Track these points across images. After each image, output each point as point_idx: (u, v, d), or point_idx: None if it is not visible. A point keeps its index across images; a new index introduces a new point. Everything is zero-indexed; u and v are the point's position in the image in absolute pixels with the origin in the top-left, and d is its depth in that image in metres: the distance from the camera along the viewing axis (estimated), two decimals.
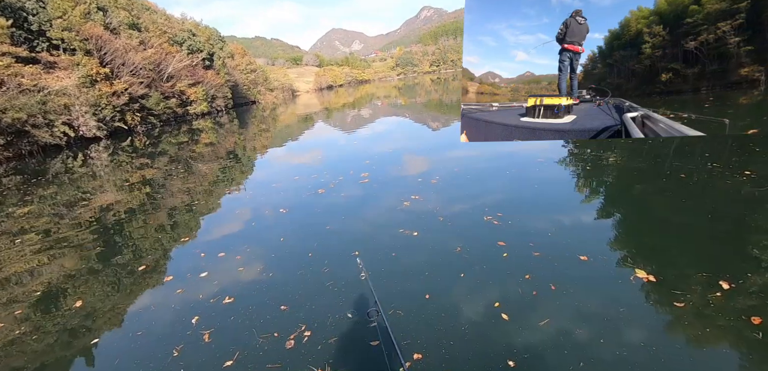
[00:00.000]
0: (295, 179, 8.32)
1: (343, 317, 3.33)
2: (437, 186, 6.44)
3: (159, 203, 7.85)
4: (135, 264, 4.88)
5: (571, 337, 2.82)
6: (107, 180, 11.43)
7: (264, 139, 18.44)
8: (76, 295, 4.28)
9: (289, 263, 4.40)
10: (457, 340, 2.95)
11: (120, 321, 3.74)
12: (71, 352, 3.39)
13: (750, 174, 5.00)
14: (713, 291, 3.06)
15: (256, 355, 3.02)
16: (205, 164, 12.36)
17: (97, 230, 6.40)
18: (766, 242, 3.60)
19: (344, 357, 2.90)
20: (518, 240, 4.23)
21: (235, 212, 6.60)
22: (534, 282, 3.49)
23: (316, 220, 5.62)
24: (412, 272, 3.87)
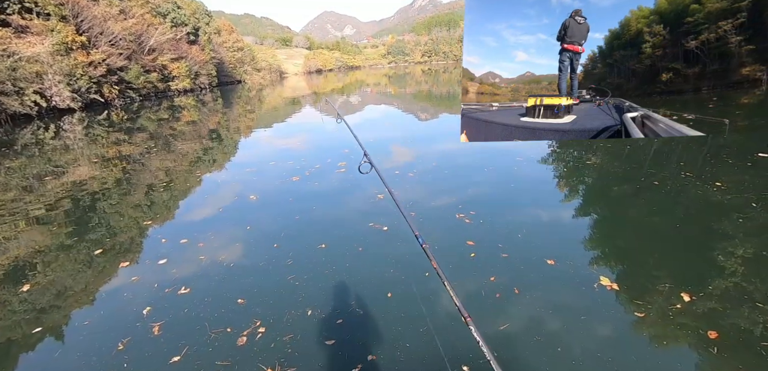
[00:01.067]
0: (271, 164, 8.11)
1: (300, 313, 3.22)
2: (414, 180, 6.34)
3: (133, 181, 7.55)
4: (92, 248, 4.65)
5: (527, 345, 2.78)
6: (81, 154, 10.98)
7: (248, 120, 18.04)
8: (28, 278, 4.05)
9: (252, 253, 4.25)
10: (414, 342, 2.87)
11: (67, 309, 3.55)
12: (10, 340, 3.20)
13: (720, 185, 5.04)
14: (674, 302, 3.05)
15: (206, 351, 2.88)
16: (185, 143, 12.00)
17: (64, 206, 6.10)
18: (729, 253, 3.62)
19: (297, 357, 2.79)
20: (488, 240, 4.17)
21: (206, 196, 6.39)
22: (498, 284, 3.44)
23: (285, 209, 5.46)
24: (376, 269, 3.78)
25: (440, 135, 10.67)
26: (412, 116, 15.18)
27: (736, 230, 4.00)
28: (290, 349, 2.87)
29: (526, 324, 2.95)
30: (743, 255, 3.59)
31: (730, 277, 3.33)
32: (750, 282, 3.24)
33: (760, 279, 3.26)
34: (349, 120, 13.26)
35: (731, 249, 3.68)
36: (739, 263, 3.49)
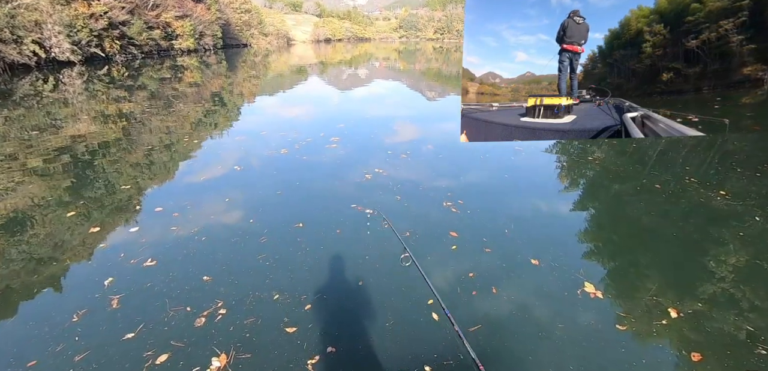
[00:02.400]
0: (262, 134, 7.92)
1: (266, 297, 3.09)
2: (406, 161, 6.13)
3: (124, 142, 7.39)
4: (62, 211, 4.53)
5: (497, 351, 2.63)
6: (81, 109, 10.82)
7: (250, 86, 17.73)
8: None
9: (226, 227, 4.11)
10: (378, 336, 2.74)
11: (29, 274, 3.44)
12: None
13: (725, 194, 4.80)
14: (660, 317, 2.88)
15: (161, 330, 2.77)
16: (187, 105, 11.75)
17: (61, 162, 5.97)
18: (724, 269, 3.43)
19: (253, 342, 2.67)
20: (472, 233, 3.99)
21: (188, 164, 6.23)
22: (476, 281, 3.28)
23: (268, 182, 5.30)
24: (351, 254, 3.63)
25: (444, 116, 10.35)
26: (418, 93, 14.79)
27: (733, 238, 3.79)
28: (249, 334, 2.75)
29: (500, 329, 2.80)
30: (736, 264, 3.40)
31: (719, 283, 3.16)
32: (739, 289, 3.07)
33: (749, 287, 3.09)
34: (355, 93, 13.01)
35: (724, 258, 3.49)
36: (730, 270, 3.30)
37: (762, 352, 2.58)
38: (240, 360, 2.54)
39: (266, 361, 2.54)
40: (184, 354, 2.59)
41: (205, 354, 2.57)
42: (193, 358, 2.55)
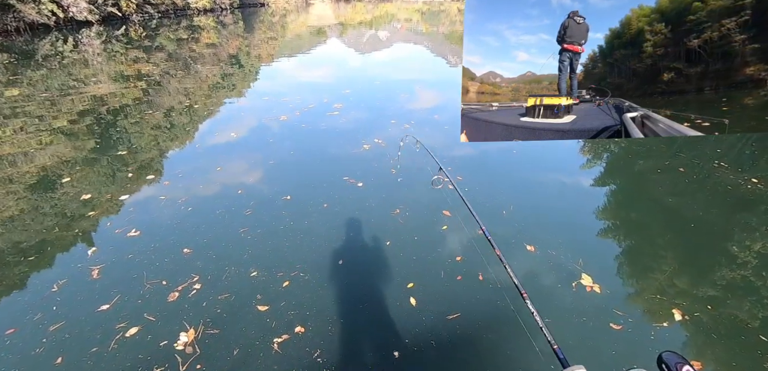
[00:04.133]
0: (264, 99, 7.86)
1: (243, 272, 3.08)
2: (408, 132, 5.92)
3: (152, 102, 7.48)
4: (56, 177, 4.64)
5: (473, 342, 2.53)
6: (100, 70, 11.03)
7: (269, 48, 17.51)
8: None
9: (212, 198, 4.11)
10: (351, 317, 2.70)
11: (16, 245, 3.56)
12: None
13: (757, 182, 4.38)
14: (660, 319, 2.68)
15: (135, 303, 2.81)
16: (205, 66, 11.76)
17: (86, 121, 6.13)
18: (742, 268, 3.15)
19: (223, 319, 2.68)
20: (467, 213, 3.80)
21: (184, 130, 6.23)
22: (464, 265, 3.16)
23: (262, 152, 5.24)
24: (336, 231, 3.56)
25: (457, 85, 9.94)
26: (441, 59, 14.23)
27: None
28: (220, 310, 2.75)
29: (481, 321, 2.69)
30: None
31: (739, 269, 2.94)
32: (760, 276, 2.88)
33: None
34: (375, 56, 12.61)
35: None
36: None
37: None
38: (207, 336, 2.56)
39: (233, 338, 2.54)
40: (154, 328, 2.62)
41: (174, 329, 2.60)
42: (162, 333, 2.58)
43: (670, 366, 0.83)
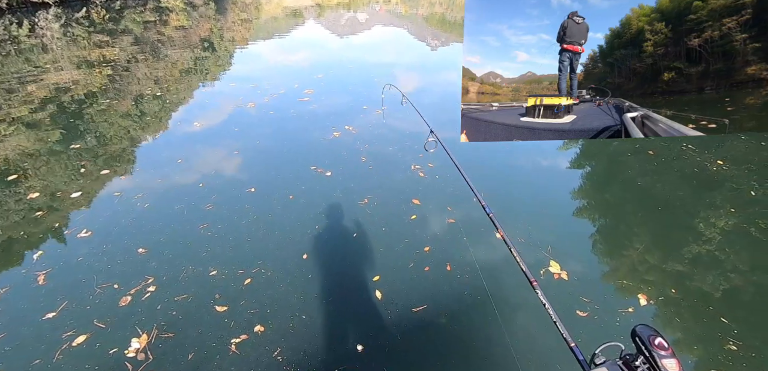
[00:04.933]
0: (230, 85, 7.60)
1: (201, 272, 2.99)
2: (380, 119, 5.84)
3: (118, 90, 7.12)
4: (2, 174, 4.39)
5: (438, 334, 2.53)
6: (61, 55, 10.43)
7: (243, 30, 16.94)
8: None
9: (171, 193, 3.97)
10: (315, 312, 2.67)
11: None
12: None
13: (721, 163, 4.50)
14: (625, 305, 2.73)
15: (84, 309, 2.69)
16: (175, 50, 11.26)
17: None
18: (712, 251, 3.24)
19: (179, 321, 2.60)
20: (437, 202, 3.80)
21: (144, 121, 5.98)
22: (432, 256, 3.14)
23: (226, 142, 5.08)
24: (301, 223, 3.49)
25: (440, 67, 9.83)
26: (421, 43, 14.07)
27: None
28: (176, 312, 2.67)
29: (448, 313, 2.68)
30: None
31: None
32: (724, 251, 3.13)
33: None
34: (354, 39, 12.29)
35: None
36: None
37: (737, 311, 2.66)
38: (161, 341, 2.48)
39: (188, 342, 2.47)
40: (103, 335, 2.52)
41: (126, 336, 2.51)
42: (112, 339, 2.49)
43: (643, 338, 0.86)
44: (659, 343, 0.84)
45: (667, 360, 0.82)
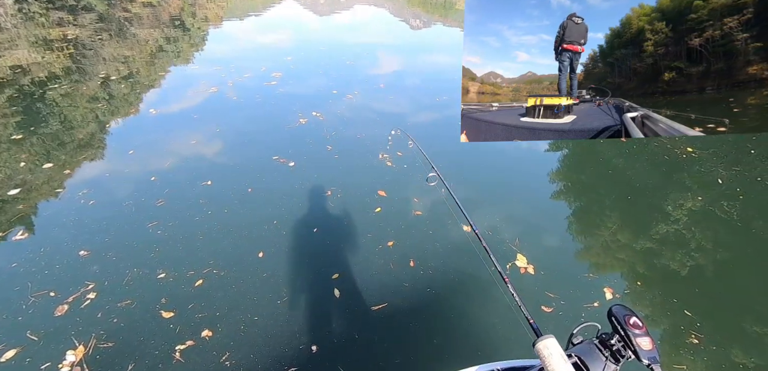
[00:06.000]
0: (194, 68, 7.28)
1: (147, 274, 2.84)
2: (351, 103, 5.70)
3: (81, 72, 6.69)
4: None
5: (395, 333, 2.48)
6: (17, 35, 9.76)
7: (217, 8, 16.24)
8: None
9: (120, 187, 3.76)
10: (268, 314, 2.59)
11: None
12: None
13: (691, 151, 4.56)
14: (591, 299, 2.73)
15: (15, 321, 2.52)
16: (143, 29, 10.70)
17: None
18: (683, 239, 3.29)
19: (121, 329, 2.47)
20: (404, 194, 3.73)
21: (94, 108, 5.67)
22: (396, 251, 3.08)
23: (183, 130, 4.86)
24: (259, 218, 3.36)
25: (419, 49, 9.66)
26: (403, 23, 13.82)
27: None
28: (117, 320, 2.53)
29: (408, 313, 2.63)
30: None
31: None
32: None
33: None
34: (339, 19, 11.98)
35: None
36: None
37: (699, 286, 2.86)
38: (99, 352, 2.35)
39: (128, 351, 2.35)
40: (35, 349, 2.37)
41: (60, 348, 2.36)
42: (45, 353, 2.34)
43: (619, 318, 0.91)
44: (634, 322, 0.89)
45: (641, 339, 0.87)
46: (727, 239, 3.29)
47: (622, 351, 0.90)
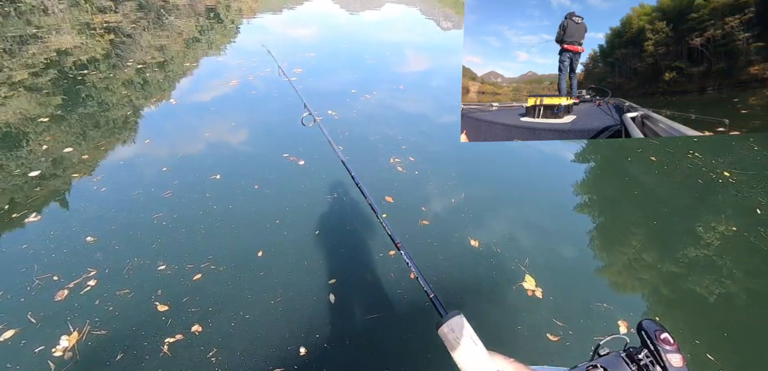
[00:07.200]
0: (218, 60, 7.43)
1: (148, 265, 2.88)
2: (368, 103, 5.64)
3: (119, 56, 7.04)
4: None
5: (386, 344, 2.41)
6: (62, 19, 10.37)
7: (250, 1, 16.64)
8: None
9: (132, 175, 3.85)
10: (259, 313, 2.57)
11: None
12: None
13: (728, 175, 4.21)
14: (603, 330, 2.54)
15: (18, 302, 2.61)
16: (181, 19, 11.14)
17: None
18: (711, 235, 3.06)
19: (115, 318, 2.51)
20: (412, 201, 3.62)
21: (116, 97, 5.86)
22: (397, 260, 2.99)
23: (199, 122, 4.95)
24: (262, 215, 3.36)
25: (444, 50, 9.50)
26: (432, 22, 13.71)
27: None
28: (113, 308, 2.58)
29: (406, 325, 2.54)
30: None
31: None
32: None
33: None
34: (367, 17, 12.07)
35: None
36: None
37: (732, 315, 2.66)
38: (92, 339, 2.39)
39: (119, 341, 2.39)
40: (32, 331, 2.44)
41: (55, 332, 2.42)
42: (41, 336, 2.40)
43: (649, 332, 0.89)
44: (665, 338, 0.87)
45: (671, 355, 0.84)
46: (763, 268, 3.02)
47: (650, 367, 0.87)
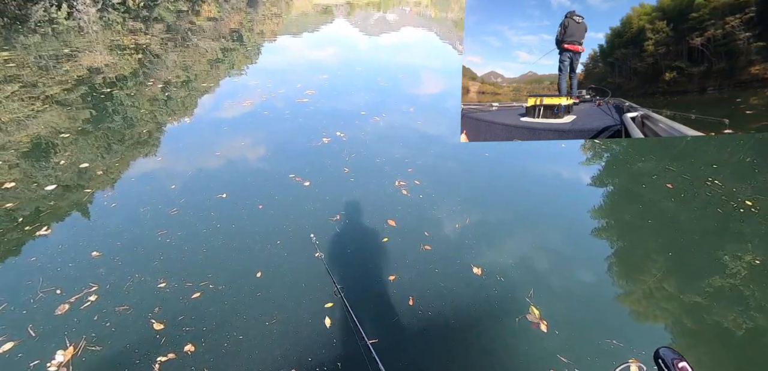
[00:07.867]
0: (233, 81, 7.63)
1: (148, 281, 2.91)
2: (377, 125, 5.66)
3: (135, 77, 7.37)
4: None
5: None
6: (96, 39, 10.97)
7: (272, 25, 17.25)
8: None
9: (141, 193, 3.94)
10: (253, 334, 2.56)
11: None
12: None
13: (751, 205, 4.02)
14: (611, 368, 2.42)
15: (19, 314, 2.66)
16: (205, 41, 11.60)
17: None
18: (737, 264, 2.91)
19: (113, 335, 2.53)
20: (415, 225, 3.57)
21: (130, 116, 6.05)
22: (396, 286, 2.94)
23: (209, 141, 5.05)
24: (264, 235, 3.37)
25: (458, 74, 9.55)
26: (449, 45, 13.89)
27: None
28: (110, 324, 2.60)
29: (400, 349, 2.48)
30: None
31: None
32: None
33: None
34: (383, 40, 12.38)
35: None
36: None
37: (759, 350, 2.56)
38: (86, 354, 2.41)
39: (113, 357, 2.40)
40: (31, 344, 2.48)
41: (52, 347, 2.45)
42: (38, 350, 2.44)
43: (666, 361, 0.87)
44: (683, 367, 0.85)
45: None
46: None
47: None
